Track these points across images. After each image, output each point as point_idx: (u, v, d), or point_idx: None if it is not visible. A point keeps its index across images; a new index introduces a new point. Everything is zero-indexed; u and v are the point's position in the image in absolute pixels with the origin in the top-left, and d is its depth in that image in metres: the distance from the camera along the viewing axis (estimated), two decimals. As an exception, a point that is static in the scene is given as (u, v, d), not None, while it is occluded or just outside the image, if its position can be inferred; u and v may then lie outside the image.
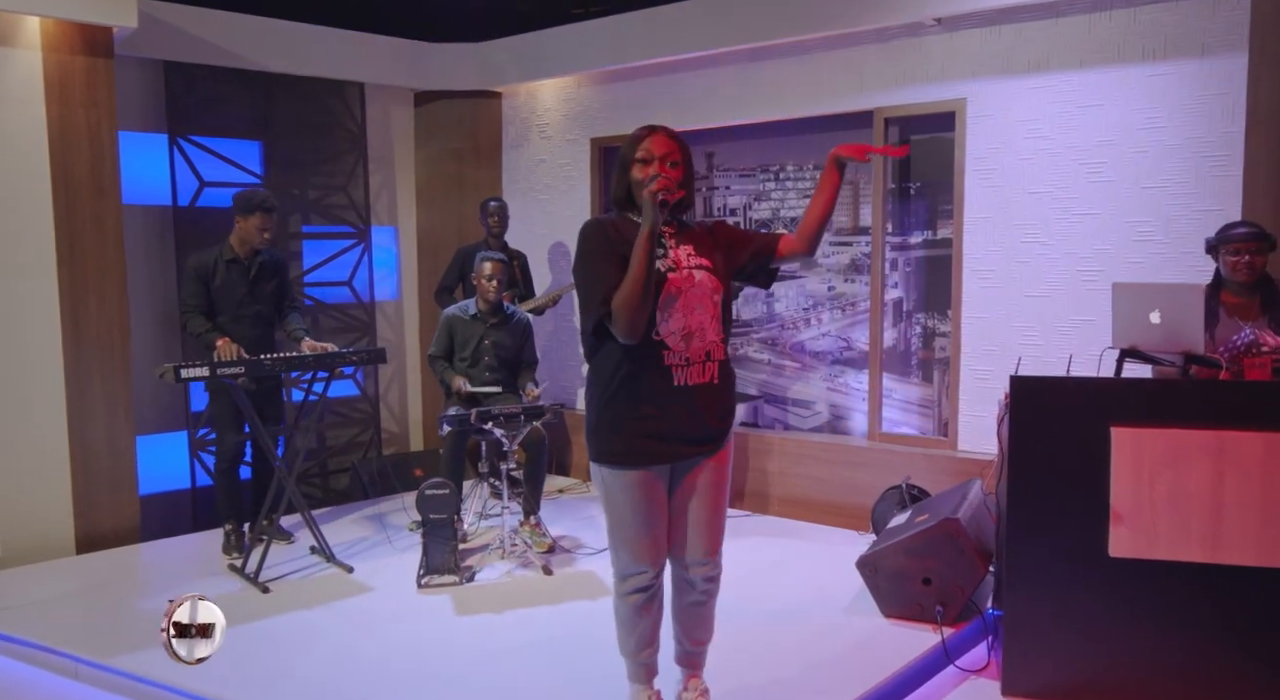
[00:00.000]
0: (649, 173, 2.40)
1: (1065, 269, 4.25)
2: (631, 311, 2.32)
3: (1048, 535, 2.92)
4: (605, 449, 2.46)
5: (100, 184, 4.42)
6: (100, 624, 3.57)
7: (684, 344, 2.41)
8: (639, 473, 2.44)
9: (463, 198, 6.12)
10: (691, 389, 2.42)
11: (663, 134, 2.47)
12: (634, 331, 2.34)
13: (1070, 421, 2.87)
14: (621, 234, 2.41)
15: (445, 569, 3.92)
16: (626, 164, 2.46)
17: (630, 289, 2.31)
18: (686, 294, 2.41)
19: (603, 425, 2.46)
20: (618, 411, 2.43)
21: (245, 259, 4.24)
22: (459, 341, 4.51)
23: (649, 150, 2.43)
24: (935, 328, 4.78)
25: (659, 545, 2.51)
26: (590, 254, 2.41)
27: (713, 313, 2.46)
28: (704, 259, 2.48)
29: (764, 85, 5.09)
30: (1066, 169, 4.21)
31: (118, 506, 4.58)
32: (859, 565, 3.49)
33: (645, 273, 2.31)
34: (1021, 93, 4.30)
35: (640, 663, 2.61)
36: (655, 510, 2.48)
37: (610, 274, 2.36)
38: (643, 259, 2.31)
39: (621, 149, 2.50)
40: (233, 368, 3.77)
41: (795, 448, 5.04)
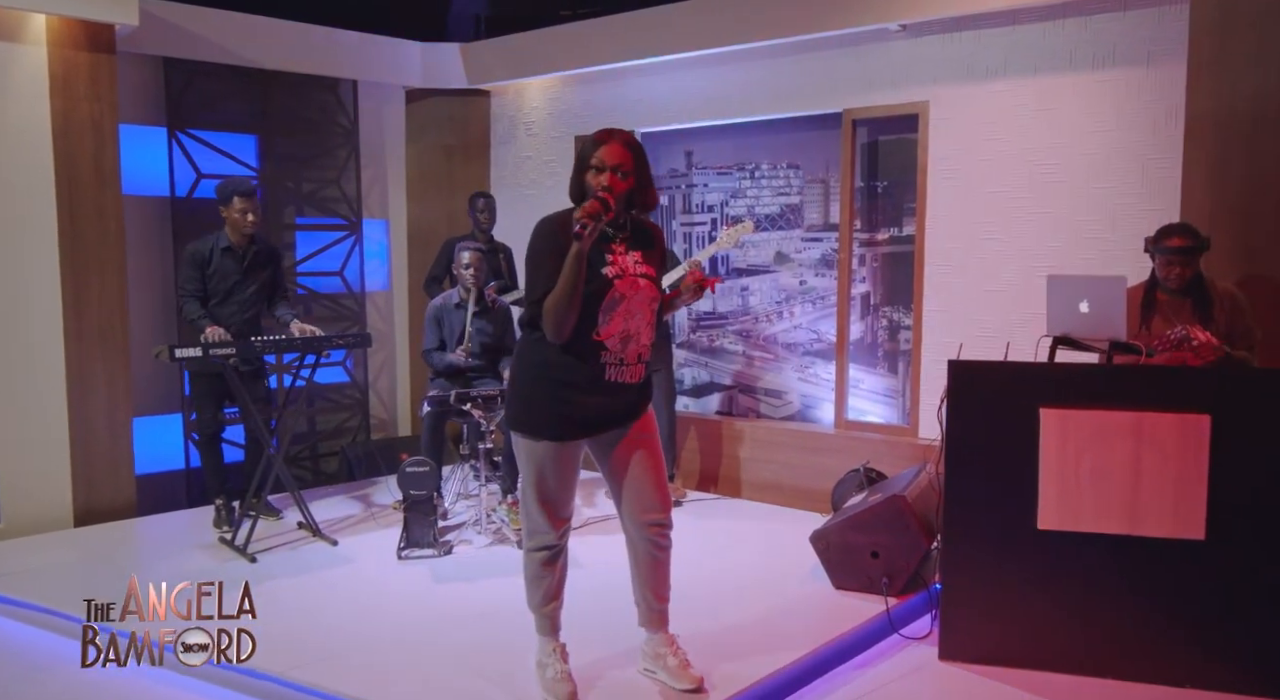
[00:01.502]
0: (599, 181, 2.57)
1: (1020, 265, 4.45)
2: (557, 318, 2.54)
3: (982, 510, 3.13)
4: (531, 419, 2.68)
5: (102, 175, 4.63)
6: (98, 589, 3.75)
7: (620, 346, 2.63)
8: (555, 445, 2.67)
9: (452, 192, 6.30)
10: (620, 386, 2.66)
11: (617, 142, 2.60)
12: (559, 336, 2.56)
13: (1003, 404, 3.08)
14: (570, 231, 2.55)
15: (425, 543, 4.13)
16: (580, 167, 2.64)
17: (557, 300, 2.52)
18: (630, 300, 2.62)
19: (534, 399, 2.67)
20: (550, 391, 2.64)
21: (240, 247, 4.45)
22: (447, 331, 4.71)
23: (601, 159, 2.58)
24: (900, 321, 4.98)
25: (568, 508, 2.76)
26: (539, 253, 2.60)
27: (649, 319, 2.69)
28: (648, 267, 2.69)
29: (739, 87, 5.30)
30: (1022, 170, 4.41)
31: (115, 483, 4.78)
32: (812, 540, 3.71)
33: (572, 288, 2.51)
34: (981, 96, 4.51)
35: (545, 616, 2.83)
36: (569, 477, 2.72)
37: (550, 274, 2.54)
38: (569, 276, 2.50)
39: (580, 152, 2.67)
40: (224, 348, 3.98)
41: (765, 435, 5.25)
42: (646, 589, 2.87)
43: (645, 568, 2.84)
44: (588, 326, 2.59)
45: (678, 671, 2.83)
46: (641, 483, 2.76)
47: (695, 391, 5.72)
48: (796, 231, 5.29)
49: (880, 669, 3.18)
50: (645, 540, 2.81)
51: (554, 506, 2.73)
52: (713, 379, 5.66)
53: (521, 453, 2.72)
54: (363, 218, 6.17)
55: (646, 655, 2.93)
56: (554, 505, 2.73)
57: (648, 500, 2.77)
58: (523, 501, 2.77)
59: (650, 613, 2.91)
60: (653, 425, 2.82)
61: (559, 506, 2.74)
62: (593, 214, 2.49)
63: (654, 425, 2.83)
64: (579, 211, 2.51)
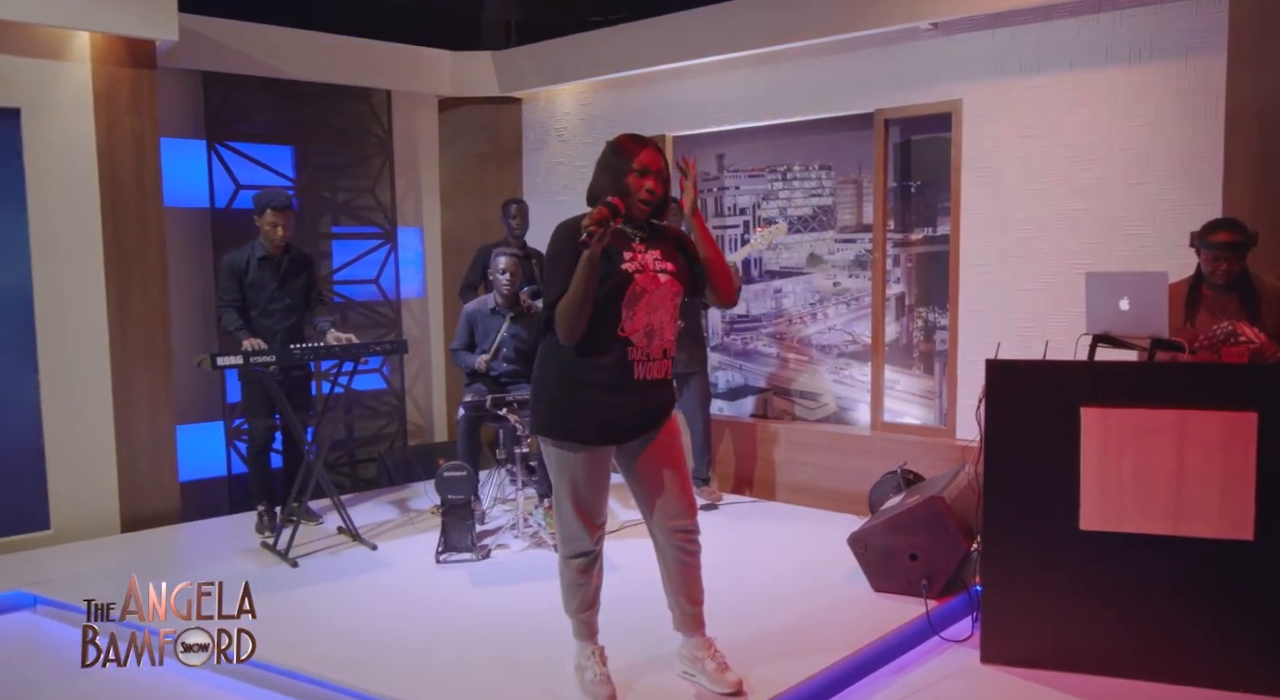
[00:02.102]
0: (644, 185, 2.61)
1: (1057, 263, 4.40)
2: (569, 321, 2.55)
3: (1023, 510, 3.09)
4: (562, 426, 2.68)
5: (144, 188, 4.73)
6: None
7: (646, 340, 2.64)
8: (591, 450, 2.67)
9: (485, 199, 6.34)
10: (648, 383, 2.67)
11: (654, 148, 2.68)
12: (570, 338, 2.57)
13: (1043, 403, 3.04)
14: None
15: (462, 547, 4.16)
16: (621, 171, 2.63)
17: (569, 303, 2.54)
18: (650, 294, 2.63)
19: (561, 404, 2.67)
20: (573, 393, 2.65)
21: (275, 256, 4.52)
22: (479, 334, 4.75)
23: (646, 164, 2.62)
24: (936, 321, 4.94)
25: (601, 514, 2.76)
26: (558, 256, 2.61)
27: (671, 313, 2.69)
28: (669, 263, 2.70)
29: (771, 89, 5.29)
30: (1058, 167, 4.36)
31: (159, 490, 4.87)
32: (850, 542, 3.68)
33: (583, 293, 2.52)
34: (1015, 94, 4.46)
35: (583, 622, 2.84)
36: (601, 482, 2.73)
37: (566, 278, 2.55)
38: (581, 281, 2.52)
39: (612, 154, 2.67)
40: (264, 356, 4.04)
41: (800, 437, 5.23)
42: (679, 594, 2.87)
43: (675, 574, 2.84)
44: (612, 322, 2.60)
45: (716, 674, 2.83)
46: (668, 489, 2.77)
47: (730, 394, 5.70)
48: (829, 233, 5.26)
49: (920, 672, 3.15)
50: (673, 547, 2.81)
51: (588, 513, 2.73)
52: (747, 382, 5.65)
53: (552, 460, 2.73)
54: (397, 226, 6.24)
55: (684, 658, 2.93)
56: (588, 512, 2.73)
57: (674, 507, 2.78)
58: (556, 509, 2.77)
59: (685, 617, 2.91)
60: (676, 429, 2.83)
61: (593, 513, 2.74)
62: (600, 221, 2.50)
63: (677, 428, 2.84)
64: (587, 219, 2.52)
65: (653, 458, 2.76)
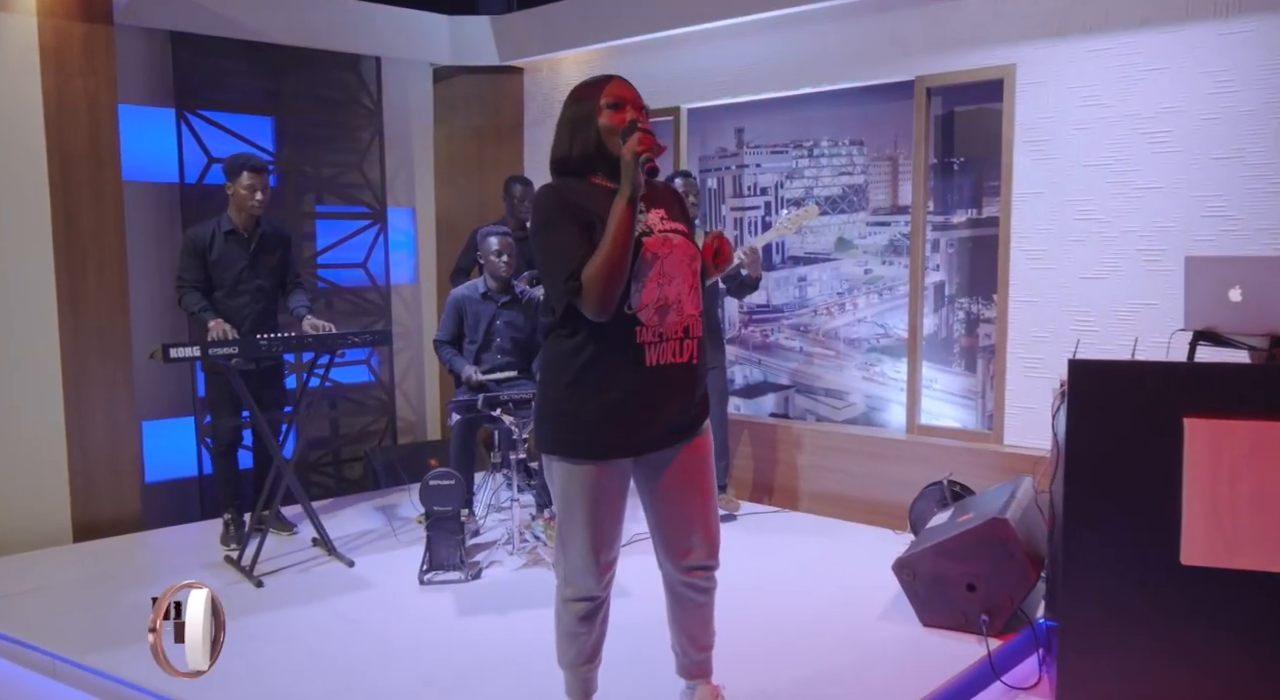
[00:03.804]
0: (623, 118, 2.14)
1: (1124, 248, 3.91)
2: (608, 286, 2.06)
3: (1111, 539, 2.60)
4: (562, 438, 2.19)
5: (99, 156, 4.24)
6: (86, 618, 3.38)
7: (658, 318, 2.14)
8: (599, 466, 2.17)
9: (483, 177, 5.90)
10: (665, 370, 2.17)
11: (622, 80, 2.22)
12: (607, 308, 2.08)
13: (1137, 412, 2.55)
14: (582, 199, 2.14)
15: (449, 565, 3.69)
16: (589, 114, 2.16)
17: (607, 260, 2.05)
18: (664, 261, 2.15)
19: (560, 411, 2.19)
20: (580, 395, 2.16)
21: (245, 230, 4.03)
22: (469, 323, 4.26)
23: (618, 95, 2.17)
24: (980, 313, 4.45)
25: (612, 549, 2.25)
26: (551, 223, 2.13)
27: (690, 282, 2.20)
28: (678, 223, 2.23)
29: (796, 55, 4.80)
30: (1126, 139, 3.87)
31: (117, 493, 4.40)
32: (896, 568, 3.19)
33: (626, 243, 2.06)
34: (1077, 57, 3.96)
35: (580, 677, 2.34)
36: (613, 509, 2.22)
37: (577, 244, 2.09)
38: (623, 227, 2.06)
39: (574, 103, 2.21)
40: (225, 347, 3.56)
41: (827, 440, 4.75)
42: (684, 637, 2.41)
43: (683, 614, 2.37)
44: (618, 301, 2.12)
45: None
46: (690, 522, 2.28)
47: (747, 391, 5.22)
48: (861, 215, 4.77)
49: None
50: (685, 585, 2.34)
51: (597, 547, 2.22)
52: (766, 378, 5.16)
53: (555, 481, 2.24)
54: (387, 205, 5.77)
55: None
56: (597, 545, 2.22)
57: (694, 543, 2.29)
58: (559, 540, 2.27)
59: (689, 663, 2.45)
60: (707, 446, 2.32)
61: (602, 547, 2.23)
62: (650, 147, 2.06)
63: (709, 446, 2.32)
64: (632, 145, 2.06)
65: (677, 481, 2.27)
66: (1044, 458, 4.02)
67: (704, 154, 5.28)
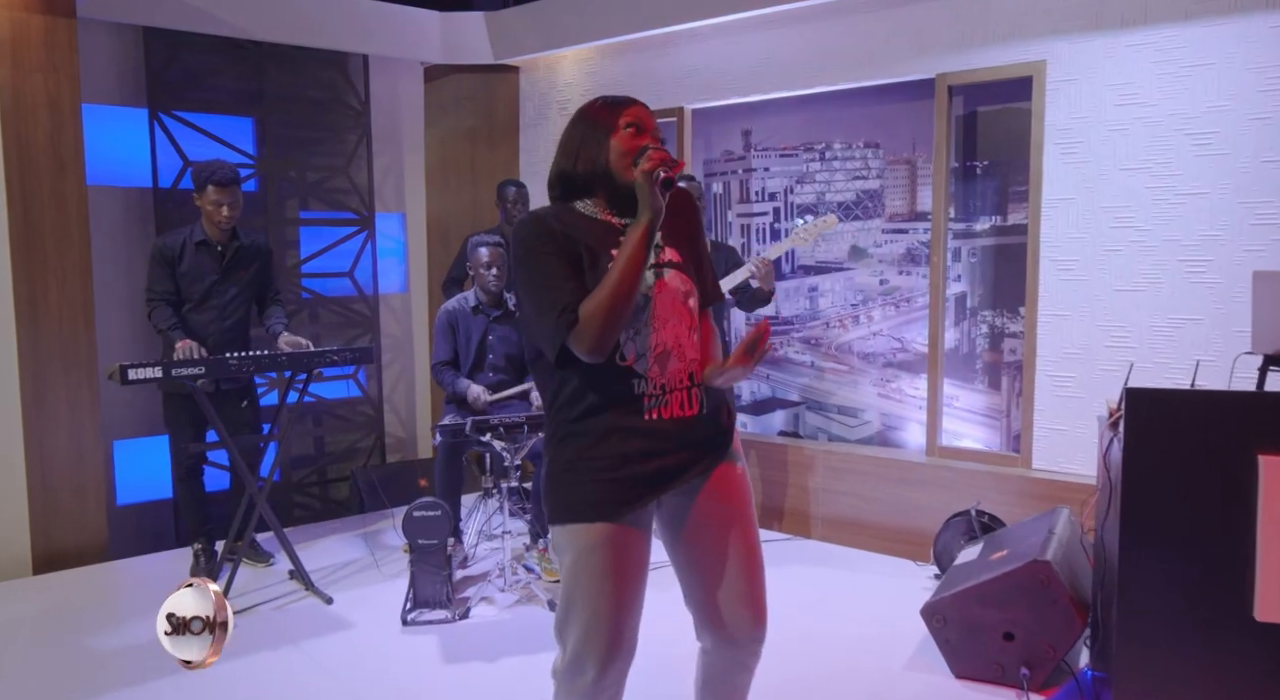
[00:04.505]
0: (638, 144, 1.85)
1: (1165, 259, 3.62)
2: (610, 322, 1.77)
3: (1172, 589, 2.31)
4: (559, 501, 1.89)
5: (61, 158, 3.95)
6: (44, 661, 3.09)
7: (658, 368, 1.85)
8: (603, 528, 1.84)
9: (476, 181, 5.63)
10: (668, 425, 1.87)
11: (645, 106, 1.94)
12: (603, 348, 1.79)
13: (1204, 447, 2.26)
14: (568, 228, 1.86)
15: (435, 603, 3.40)
16: (602, 133, 1.88)
17: (614, 293, 1.76)
18: (656, 301, 1.86)
19: (555, 473, 1.89)
20: (574, 453, 1.86)
21: (219, 242, 3.74)
22: (461, 339, 3.97)
23: (640, 118, 1.89)
24: (1004, 327, 4.16)
25: (627, 633, 1.87)
26: (537, 256, 1.83)
27: (689, 322, 1.90)
28: (672, 251, 1.93)
29: (807, 52, 4.51)
30: (1168, 140, 3.58)
31: (82, 520, 4.10)
32: (925, 614, 2.90)
33: (635, 275, 1.78)
34: (1113, 52, 3.68)
35: None
36: (629, 578, 1.86)
37: (569, 277, 1.81)
38: (635, 256, 1.77)
39: (586, 120, 1.92)
40: (190, 367, 3.27)
41: (841, 462, 4.45)
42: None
43: (720, 685, 2.05)
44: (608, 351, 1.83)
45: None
46: (739, 585, 1.92)
47: (754, 408, 4.93)
48: (876, 222, 4.49)
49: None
50: (728, 660, 2.00)
51: (607, 631, 1.83)
52: (775, 393, 4.88)
53: (564, 554, 1.89)
54: (375, 211, 5.48)
55: None
56: (607, 630, 1.83)
57: (750, 610, 1.93)
58: (561, 620, 1.90)
59: None
60: (741, 487, 1.98)
61: (614, 631, 1.83)
62: (667, 161, 1.79)
63: (743, 487, 1.98)
64: (645, 163, 1.79)
65: (705, 530, 1.92)
66: (1077, 484, 3.74)
67: (709, 157, 5.00)
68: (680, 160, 1.90)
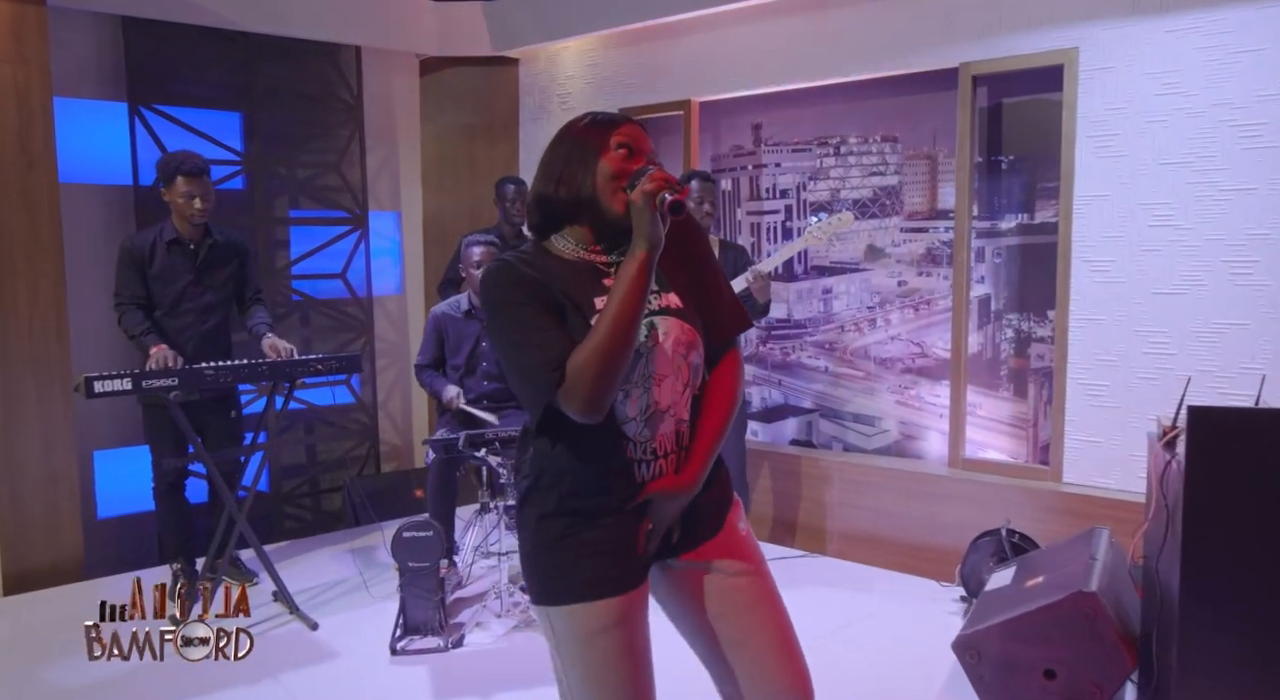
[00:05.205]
0: (633, 168, 1.59)
1: (1208, 259, 3.38)
2: (605, 376, 1.51)
3: (1240, 627, 2.08)
4: (545, 584, 1.64)
5: (30, 155, 3.74)
6: (12, 690, 2.88)
7: (646, 428, 1.61)
8: (601, 607, 1.60)
9: (474, 178, 5.41)
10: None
11: (640, 126, 1.68)
12: (600, 405, 1.54)
13: (1277, 470, 2.03)
14: (546, 275, 1.60)
15: (426, 629, 3.17)
16: (590, 153, 1.62)
17: (609, 338, 1.51)
18: (647, 356, 1.61)
19: (539, 550, 1.65)
20: (557, 528, 1.62)
21: (191, 240, 3.52)
22: (451, 345, 3.75)
23: (634, 137, 1.64)
24: (1031, 331, 3.93)
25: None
26: (511, 308, 1.57)
27: (686, 379, 1.65)
28: (671, 295, 1.67)
29: (821, 41, 4.28)
30: (1211, 132, 3.34)
31: (56, 538, 3.89)
32: (957, 649, 2.66)
33: (634, 316, 1.52)
34: (1153, 38, 3.44)
35: None
36: (632, 666, 1.61)
37: (551, 327, 1.56)
38: (632, 295, 1.52)
39: (572, 137, 1.66)
40: (162, 379, 3.04)
41: (858, 474, 4.22)
42: None
43: None
44: None
45: None
46: (759, 651, 1.67)
47: (765, 416, 4.70)
48: (894, 220, 4.26)
49: None
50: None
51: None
52: (787, 400, 4.64)
53: (554, 642, 1.67)
54: (369, 210, 5.28)
55: None
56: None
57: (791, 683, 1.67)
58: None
59: None
60: (754, 548, 1.73)
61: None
62: (667, 183, 1.52)
63: (755, 548, 1.73)
64: (646, 183, 1.53)
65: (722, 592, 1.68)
66: (1112, 500, 3.51)
67: (717, 152, 4.77)
68: (685, 187, 1.62)
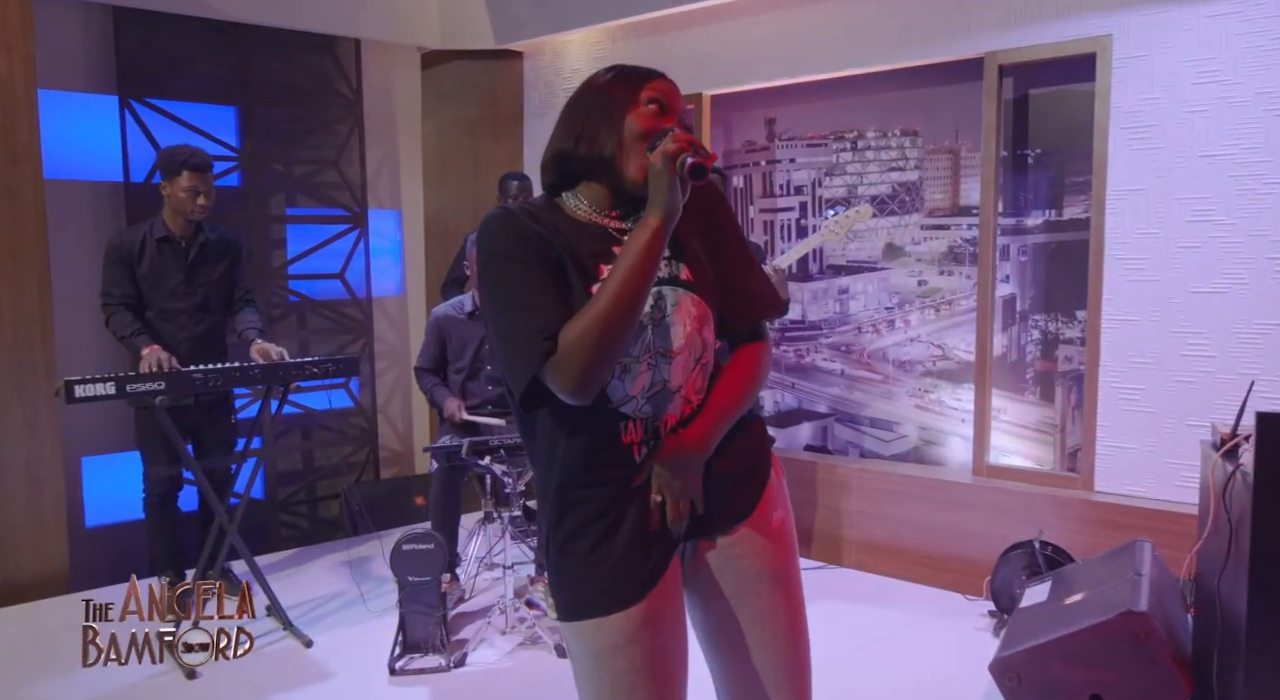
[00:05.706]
0: (662, 125, 1.45)
1: (1251, 257, 3.22)
2: (599, 353, 1.35)
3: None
4: (557, 597, 1.49)
5: (13, 150, 3.58)
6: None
7: (650, 407, 1.46)
8: (611, 623, 1.44)
9: (477, 175, 5.27)
10: None
11: (669, 81, 1.55)
12: (588, 385, 1.38)
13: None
14: (551, 230, 1.45)
15: (427, 647, 3.00)
16: (614, 109, 1.47)
17: (608, 313, 1.35)
18: (654, 331, 1.46)
19: (549, 556, 1.50)
20: (563, 530, 1.47)
21: (181, 237, 3.36)
22: (453, 348, 3.59)
23: (666, 93, 1.50)
24: (1059, 332, 3.76)
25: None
26: (505, 263, 1.41)
27: (699, 356, 1.49)
28: (682, 266, 1.51)
29: (837, 32, 4.12)
30: (1256, 123, 3.18)
31: (40, 549, 3.73)
32: (995, 671, 2.49)
33: (642, 286, 1.36)
34: (1191, 23, 3.28)
35: None
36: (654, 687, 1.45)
37: (547, 291, 1.39)
38: (641, 263, 1.36)
39: (597, 90, 1.52)
40: (147, 383, 2.88)
41: (878, 481, 4.05)
42: None
43: None
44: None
45: None
46: (764, 665, 1.53)
47: (779, 420, 4.54)
48: (914, 217, 4.09)
49: None
50: None
51: None
52: (801, 404, 4.48)
53: (570, 657, 1.52)
54: (368, 208, 5.13)
55: None
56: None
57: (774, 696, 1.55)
58: None
59: None
60: (785, 546, 1.60)
61: None
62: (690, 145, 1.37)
63: (788, 545, 1.60)
64: (668, 144, 1.37)
65: (737, 594, 1.53)
66: (1147, 510, 3.34)
67: (729, 148, 4.61)
68: (713, 152, 1.47)
